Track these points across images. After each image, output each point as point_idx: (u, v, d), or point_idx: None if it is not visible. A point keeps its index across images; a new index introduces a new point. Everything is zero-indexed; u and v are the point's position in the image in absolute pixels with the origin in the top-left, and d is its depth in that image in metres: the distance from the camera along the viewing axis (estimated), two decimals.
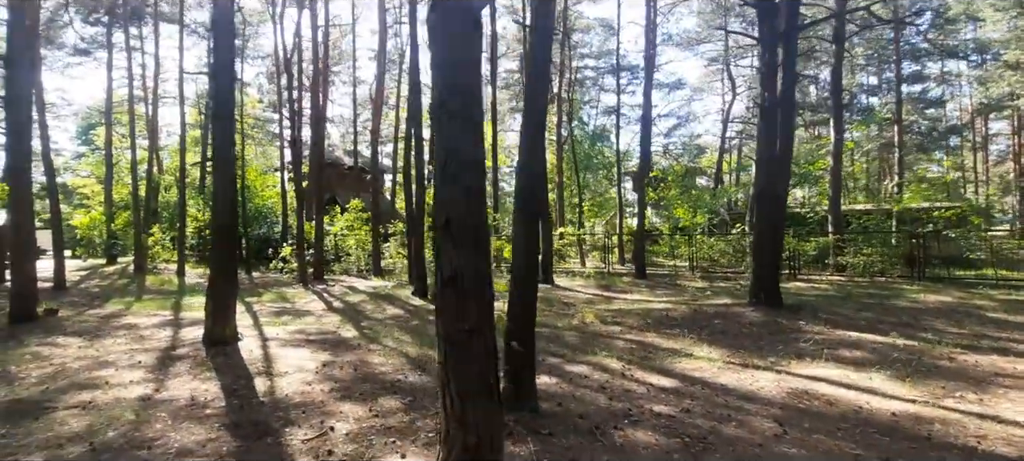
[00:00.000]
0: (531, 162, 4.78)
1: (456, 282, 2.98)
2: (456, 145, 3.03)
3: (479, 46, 3.26)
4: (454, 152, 3.03)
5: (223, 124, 6.99)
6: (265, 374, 5.82)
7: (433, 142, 3.18)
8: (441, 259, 3.04)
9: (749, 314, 8.63)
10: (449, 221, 3.01)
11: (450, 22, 3.06)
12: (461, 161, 3.03)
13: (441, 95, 3.05)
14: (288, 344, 7.38)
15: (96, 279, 17.71)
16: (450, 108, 3.03)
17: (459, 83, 3.06)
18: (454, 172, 3.00)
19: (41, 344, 7.44)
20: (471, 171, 3.07)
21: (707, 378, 5.72)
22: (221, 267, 7.09)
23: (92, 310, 10.93)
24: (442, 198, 3.03)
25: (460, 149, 3.03)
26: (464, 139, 3.05)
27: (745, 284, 12.96)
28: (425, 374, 5.93)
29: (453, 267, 2.99)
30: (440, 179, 3.04)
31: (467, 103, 3.08)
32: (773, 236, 9.10)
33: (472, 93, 3.12)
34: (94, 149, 33.85)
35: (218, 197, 7.08)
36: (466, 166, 3.05)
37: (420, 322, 9.32)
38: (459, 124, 3.03)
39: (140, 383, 5.48)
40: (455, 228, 3.00)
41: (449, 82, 3.05)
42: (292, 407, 4.72)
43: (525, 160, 4.80)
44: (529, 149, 4.84)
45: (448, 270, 3.00)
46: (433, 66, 3.13)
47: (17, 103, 8.90)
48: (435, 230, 3.10)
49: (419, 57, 12.55)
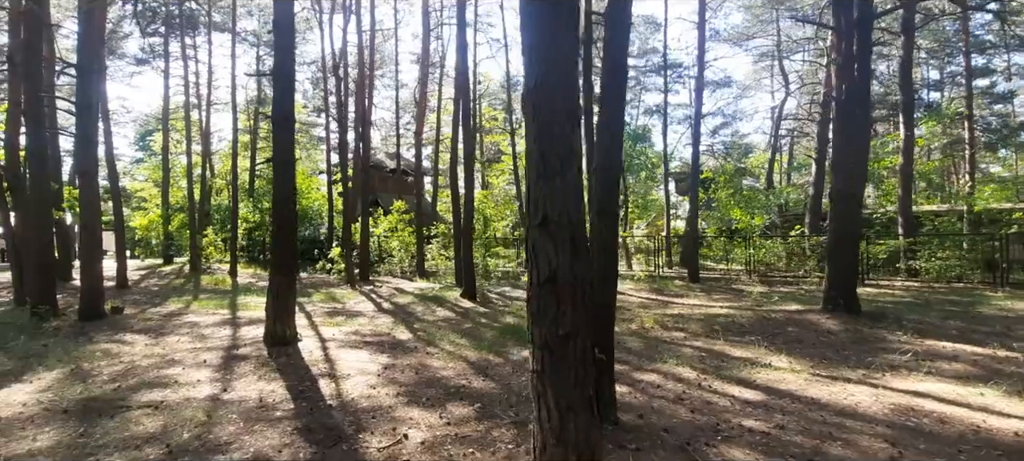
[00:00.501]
0: (609, 163, 4.50)
1: (555, 283, 2.74)
2: (555, 137, 2.79)
3: (577, 28, 3.00)
4: (553, 145, 2.78)
5: (283, 125, 6.99)
6: (329, 376, 5.73)
7: (528, 136, 2.93)
8: (537, 259, 2.79)
9: (825, 322, 8.05)
10: (547, 218, 2.76)
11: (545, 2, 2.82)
12: (560, 155, 2.78)
13: (537, 83, 2.82)
14: (346, 345, 7.32)
15: (155, 278, 18.41)
16: (548, 98, 2.79)
17: (556, 70, 2.81)
18: (554, 166, 2.76)
19: (110, 341, 7.62)
20: (571, 165, 2.82)
21: (794, 391, 5.28)
22: (281, 268, 7.09)
23: (154, 308, 11.26)
24: (539, 194, 2.79)
25: (559, 142, 2.79)
26: (562, 131, 2.80)
27: (809, 289, 12.26)
28: (489, 380, 5.72)
29: (551, 267, 2.74)
30: (536, 174, 2.80)
31: (567, 92, 2.83)
32: (850, 239, 8.49)
33: (571, 81, 2.87)
34: (151, 154, 35.50)
35: (278, 197, 7.09)
36: (566, 160, 2.80)
37: (472, 325, 9.15)
38: (558, 115, 2.79)
39: (207, 382, 5.48)
40: (554, 226, 2.75)
41: (545, 69, 2.81)
42: (361, 412, 4.57)
43: (602, 161, 4.52)
44: (606, 150, 4.55)
45: (545, 271, 2.75)
46: (526, 53, 2.89)
47: (87, 110, 9.22)
48: (528, 229, 2.86)
49: (467, 59, 12.42)
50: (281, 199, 6.96)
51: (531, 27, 2.87)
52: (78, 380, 5.63)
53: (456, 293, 12.84)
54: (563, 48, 2.83)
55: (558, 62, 2.82)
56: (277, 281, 7.01)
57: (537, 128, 2.82)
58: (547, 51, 2.82)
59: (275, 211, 7.14)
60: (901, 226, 13.87)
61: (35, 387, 5.40)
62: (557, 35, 2.82)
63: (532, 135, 2.84)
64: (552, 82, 2.81)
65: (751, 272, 14.63)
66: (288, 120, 6.89)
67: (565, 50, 2.83)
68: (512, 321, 9.48)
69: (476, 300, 11.91)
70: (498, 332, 8.39)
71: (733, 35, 26.76)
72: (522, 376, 5.85)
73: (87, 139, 8.97)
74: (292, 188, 7.09)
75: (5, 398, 5.03)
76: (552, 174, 2.76)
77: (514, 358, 6.71)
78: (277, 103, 6.92)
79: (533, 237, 2.82)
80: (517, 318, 9.76)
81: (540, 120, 2.81)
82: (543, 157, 2.79)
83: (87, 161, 9.17)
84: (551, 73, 2.81)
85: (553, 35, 2.82)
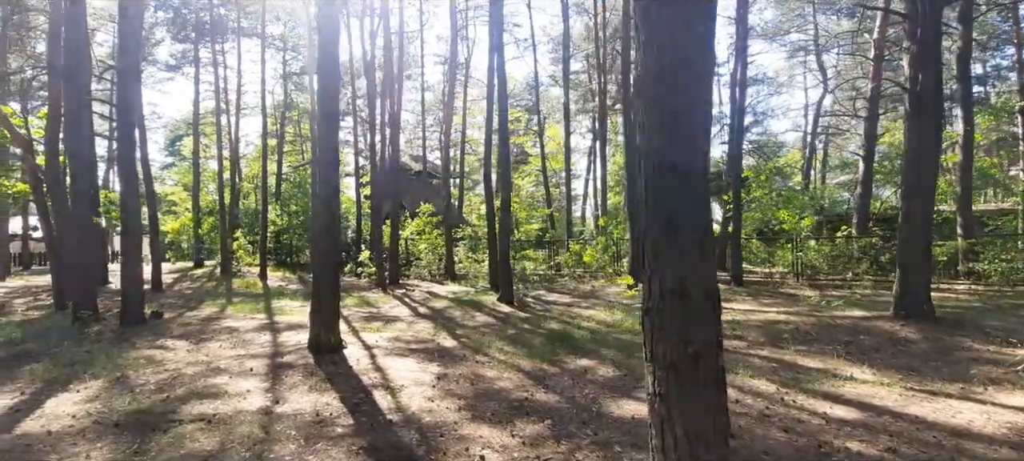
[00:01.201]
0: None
1: (683, 294, 2.36)
2: (682, 132, 2.42)
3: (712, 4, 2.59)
4: (679, 140, 2.41)
5: (327, 122, 6.74)
6: (382, 387, 5.43)
7: (639, 129, 2.57)
8: (658, 267, 2.42)
9: (900, 329, 7.49)
10: (672, 220, 2.39)
11: None
12: (688, 150, 2.41)
13: (660, 70, 2.44)
14: (392, 353, 7.03)
15: (187, 281, 18.48)
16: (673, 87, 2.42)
17: (683, 54, 2.44)
18: (682, 163, 2.39)
19: (152, 347, 7.46)
20: (701, 162, 2.45)
21: (892, 407, 4.80)
22: (325, 272, 6.84)
23: (190, 312, 11.17)
24: (662, 194, 2.42)
25: (686, 137, 2.42)
26: (692, 124, 2.43)
27: (865, 294, 11.62)
28: (550, 392, 5.36)
29: (677, 276, 2.37)
30: (657, 170, 2.43)
31: (697, 79, 2.47)
32: (924, 239, 7.91)
33: (703, 67, 2.50)
34: (181, 159, 36.05)
35: (320, 199, 6.84)
36: (694, 155, 2.43)
37: (516, 331, 8.80)
38: (688, 106, 2.42)
39: (257, 393, 5.22)
40: (681, 229, 2.39)
41: (671, 53, 2.44)
42: (426, 428, 4.25)
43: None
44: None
45: (671, 280, 2.38)
46: (643, 30, 2.52)
47: (127, 112, 9.14)
48: (646, 232, 2.49)
49: (503, 59, 12.09)
50: (323, 199, 6.70)
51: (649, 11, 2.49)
52: (125, 389, 5.43)
53: (492, 297, 12.51)
54: (696, 28, 2.46)
55: (688, 45, 2.45)
56: (321, 286, 6.75)
57: (661, 120, 2.44)
58: (675, 31, 2.44)
59: (316, 211, 6.89)
60: (960, 227, 13.10)
61: (83, 396, 5.21)
62: (687, 11, 2.45)
63: (653, 128, 2.47)
64: (680, 68, 2.44)
65: (798, 275, 13.98)
66: (334, 116, 6.63)
67: (698, 30, 2.45)
68: (556, 327, 9.11)
69: (514, 304, 11.56)
70: (545, 339, 8.03)
71: (767, 30, 25.98)
72: (585, 388, 5.49)
73: (128, 141, 8.88)
74: (336, 188, 6.84)
75: (54, 409, 4.85)
76: (678, 170, 2.39)
77: (570, 368, 6.34)
78: (322, 99, 6.68)
79: (653, 242, 2.45)
80: (561, 323, 9.39)
81: (664, 111, 2.44)
82: (665, 152, 2.42)
83: (128, 164, 9.08)
84: (679, 57, 2.43)
85: (683, 11, 2.44)
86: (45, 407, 4.92)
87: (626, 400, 5.07)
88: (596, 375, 6.02)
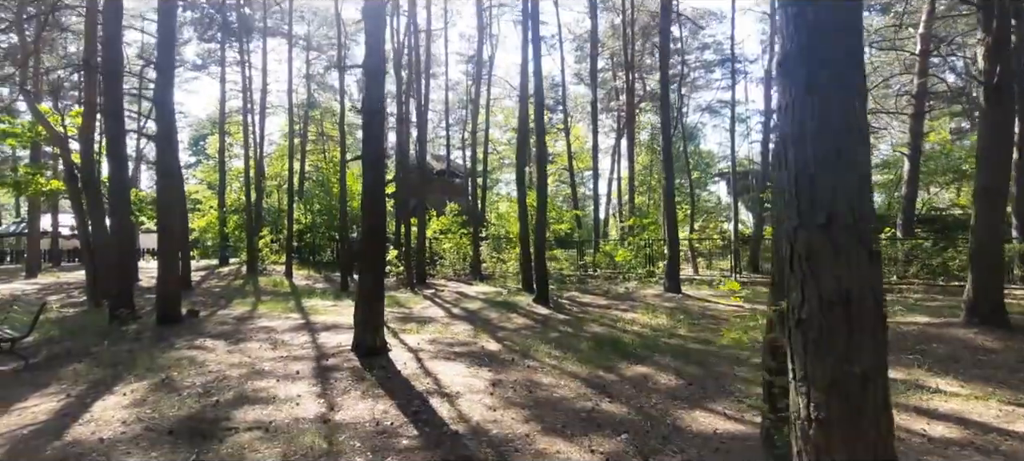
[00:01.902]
0: None
1: (848, 304, 2.04)
2: (837, 113, 2.10)
3: None
4: (832, 124, 2.10)
5: (374, 119, 6.50)
6: (437, 394, 5.16)
7: (783, 115, 2.26)
8: (814, 271, 2.10)
9: (975, 337, 7.03)
10: (834, 219, 2.07)
11: None
12: (850, 135, 2.09)
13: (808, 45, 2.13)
14: (438, 356, 6.77)
15: (214, 279, 18.52)
16: (826, 62, 2.11)
17: (841, 25, 2.12)
18: (842, 151, 2.07)
19: (191, 347, 7.31)
20: (865, 150, 2.13)
21: (995, 424, 4.39)
22: (371, 272, 6.60)
23: (222, 310, 11.06)
24: (821, 189, 2.10)
25: (843, 120, 2.10)
26: (849, 104, 2.11)
27: (917, 298, 11.11)
28: (615, 402, 5.04)
29: (841, 284, 2.05)
30: (816, 159, 2.11)
31: (851, 52, 2.14)
32: (997, 241, 7.43)
33: (857, 41, 2.18)
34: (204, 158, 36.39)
35: (368, 196, 6.60)
36: (858, 141, 2.11)
37: (558, 334, 8.48)
38: (842, 85, 2.10)
39: (309, 398, 5.00)
40: (844, 229, 2.06)
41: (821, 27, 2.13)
42: (497, 442, 3.97)
43: None
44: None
45: (833, 288, 2.06)
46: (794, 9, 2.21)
47: (165, 108, 9.03)
48: (797, 230, 2.17)
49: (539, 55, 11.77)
50: (371, 197, 6.47)
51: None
52: (172, 391, 5.25)
53: (526, 298, 12.22)
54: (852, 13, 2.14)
55: (845, 16, 2.12)
56: (367, 287, 6.52)
57: (820, 103, 2.12)
58: (837, 17, 2.13)
59: (364, 209, 6.66)
60: (1016, 229, 12.47)
61: (130, 399, 5.03)
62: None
63: (804, 110, 2.15)
64: (836, 42, 2.12)
65: None
66: (380, 114, 6.39)
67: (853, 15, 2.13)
68: (599, 330, 8.78)
69: (550, 306, 11.25)
70: (592, 344, 7.70)
71: None
72: (651, 398, 5.16)
73: (168, 138, 8.76)
74: (382, 187, 6.60)
75: (102, 413, 4.67)
76: (840, 160, 2.07)
77: (628, 375, 6.01)
78: (368, 95, 6.44)
79: (808, 242, 2.13)
80: (603, 327, 9.06)
81: (817, 87, 2.12)
82: (825, 139, 2.10)
83: (167, 161, 8.96)
84: (839, 45, 2.12)
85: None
86: (93, 411, 4.75)
87: (700, 412, 4.74)
88: (658, 383, 5.69)
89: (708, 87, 34.11)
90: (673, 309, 10.67)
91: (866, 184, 2.13)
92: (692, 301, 11.89)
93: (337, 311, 10.93)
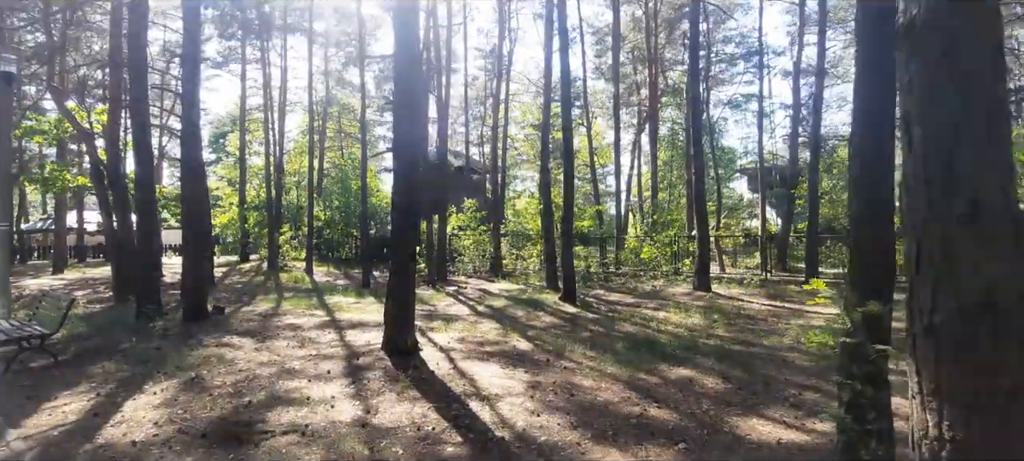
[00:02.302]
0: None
1: (995, 308, 1.76)
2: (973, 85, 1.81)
3: None
4: (965, 97, 1.81)
5: (406, 112, 6.29)
6: (475, 397, 4.94)
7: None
8: (950, 268, 1.82)
9: None
10: (979, 208, 1.78)
11: None
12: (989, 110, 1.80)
13: (961, 18, 1.84)
14: (470, 356, 6.56)
15: (236, 275, 18.57)
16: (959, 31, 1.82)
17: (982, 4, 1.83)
18: (990, 125, 1.78)
19: (219, 345, 7.19)
20: (1007, 127, 1.84)
21: None
22: (402, 269, 6.40)
23: (246, 307, 10.99)
24: (962, 173, 1.81)
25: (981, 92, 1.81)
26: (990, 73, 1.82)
27: None
28: (662, 406, 4.77)
29: (986, 283, 1.77)
30: (957, 138, 1.83)
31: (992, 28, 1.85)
32: None
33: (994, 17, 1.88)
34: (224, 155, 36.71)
35: (400, 195, 6.40)
36: (1002, 115, 1.82)
37: (590, 334, 8.21)
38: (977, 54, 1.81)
39: (344, 399, 4.81)
40: (990, 219, 1.78)
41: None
42: (546, 449, 3.73)
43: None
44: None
45: (974, 288, 1.77)
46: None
47: (192, 103, 8.94)
48: (927, 221, 1.88)
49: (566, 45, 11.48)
50: (406, 198, 6.26)
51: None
52: (202, 391, 5.10)
53: (551, 296, 11.97)
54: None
55: None
56: (398, 286, 6.32)
57: (949, 75, 1.84)
58: None
59: (395, 204, 6.46)
60: None
61: (160, 399, 4.89)
62: None
63: (939, 78, 1.87)
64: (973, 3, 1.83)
65: None
66: (414, 107, 6.18)
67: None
68: (632, 329, 8.50)
69: (577, 304, 10.99)
70: (627, 344, 7.42)
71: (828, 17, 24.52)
72: (700, 403, 4.88)
73: (194, 135, 8.66)
74: (414, 183, 6.39)
75: (133, 413, 4.53)
76: (991, 139, 1.78)
77: (671, 378, 5.73)
78: (399, 86, 6.23)
79: (943, 234, 1.85)
80: (635, 326, 8.77)
81: (957, 51, 1.84)
82: (962, 111, 1.82)
83: (194, 156, 8.86)
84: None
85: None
86: (124, 411, 4.62)
87: (756, 420, 4.45)
88: (705, 387, 5.40)
89: (730, 82, 33.40)
90: (706, 308, 10.33)
91: (1013, 168, 1.85)
92: (723, 300, 11.53)
93: (360, 309, 10.79)
